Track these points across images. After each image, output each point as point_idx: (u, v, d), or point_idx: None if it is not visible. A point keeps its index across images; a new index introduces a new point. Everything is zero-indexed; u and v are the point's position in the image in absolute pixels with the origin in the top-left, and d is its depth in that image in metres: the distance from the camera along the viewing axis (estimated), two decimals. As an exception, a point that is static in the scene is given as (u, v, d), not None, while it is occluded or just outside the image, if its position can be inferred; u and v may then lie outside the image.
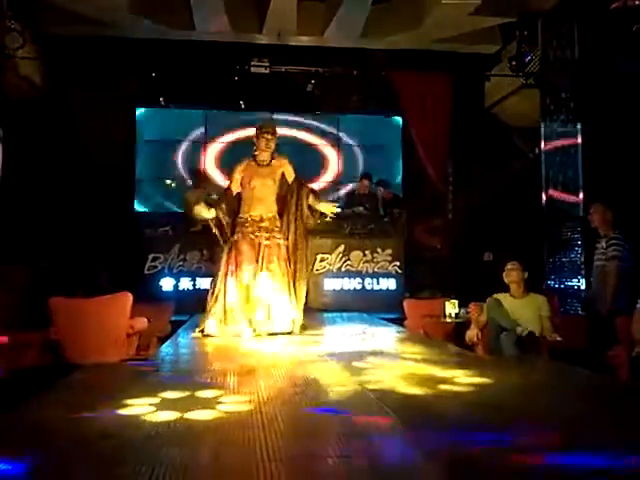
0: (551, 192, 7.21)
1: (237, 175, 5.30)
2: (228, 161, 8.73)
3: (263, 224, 5.12)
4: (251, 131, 5.56)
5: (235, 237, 5.11)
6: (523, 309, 4.52)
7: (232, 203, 5.28)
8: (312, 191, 5.41)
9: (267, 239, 5.09)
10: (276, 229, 5.20)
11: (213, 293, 5.11)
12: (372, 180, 8.61)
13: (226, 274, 5.04)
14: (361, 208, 8.26)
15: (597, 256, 5.16)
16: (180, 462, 1.82)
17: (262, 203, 5.19)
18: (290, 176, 5.34)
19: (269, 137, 5.22)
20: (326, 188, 9.82)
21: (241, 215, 5.18)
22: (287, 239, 5.25)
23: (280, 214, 5.31)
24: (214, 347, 4.60)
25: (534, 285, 4.96)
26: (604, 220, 5.13)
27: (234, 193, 5.31)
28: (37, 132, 7.23)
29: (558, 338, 4.38)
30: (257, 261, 5.04)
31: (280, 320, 5.02)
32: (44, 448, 1.96)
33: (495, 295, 4.70)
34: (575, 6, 6.81)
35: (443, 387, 2.89)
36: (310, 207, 5.27)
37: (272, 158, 5.30)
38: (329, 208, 5.31)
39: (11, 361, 4.47)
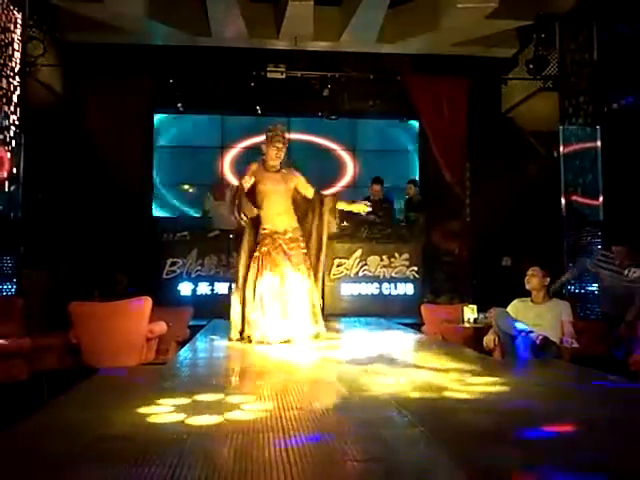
0: (570, 196, 7.14)
1: (248, 174, 5.20)
2: (244, 166, 8.76)
3: (287, 236, 5.12)
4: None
5: (265, 249, 5.05)
6: (544, 315, 4.48)
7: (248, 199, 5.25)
8: (333, 196, 5.49)
9: (292, 249, 5.09)
10: (301, 238, 5.19)
11: (244, 301, 5.06)
12: (383, 184, 8.55)
13: (256, 282, 5.00)
14: (372, 216, 8.17)
15: (619, 277, 5.19)
16: (200, 465, 1.82)
17: (283, 217, 5.16)
18: (306, 189, 5.30)
19: (280, 146, 5.17)
20: (342, 192, 9.81)
21: (265, 227, 5.13)
22: (308, 249, 5.26)
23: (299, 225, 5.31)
24: (233, 352, 4.60)
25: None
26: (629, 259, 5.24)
27: (244, 187, 5.21)
28: (57, 138, 7.32)
29: (575, 345, 4.33)
30: (285, 269, 5.05)
31: (306, 325, 5.03)
32: (63, 450, 1.98)
33: (516, 300, 4.67)
34: (593, 8, 6.76)
35: (463, 391, 2.87)
36: (332, 212, 5.29)
37: (281, 165, 5.28)
38: (361, 207, 5.57)
39: (32, 364, 4.53)
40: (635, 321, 4.74)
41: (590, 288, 6.59)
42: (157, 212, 9.59)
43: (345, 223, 7.84)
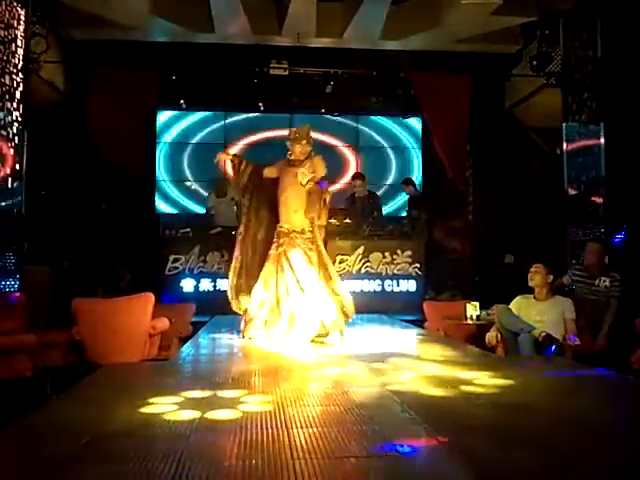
0: (573, 193, 7.12)
1: (275, 166, 5.33)
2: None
3: (305, 235, 5.14)
4: (269, 133, 5.55)
5: (281, 248, 5.09)
6: (547, 311, 4.47)
7: (256, 173, 5.36)
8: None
9: (311, 250, 5.09)
10: (316, 238, 5.21)
11: (259, 298, 5.09)
12: (365, 180, 8.50)
13: (277, 281, 5.04)
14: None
15: (589, 288, 5.15)
16: (203, 461, 1.83)
17: (300, 214, 5.16)
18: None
19: (304, 143, 5.24)
20: (345, 189, 9.81)
21: (283, 225, 5.17)
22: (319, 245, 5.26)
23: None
24: (236, 349, 4.62)
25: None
26: (600, 262, 5.24)
27: (263, 173, 5.35)
28: (60, 135, 7.32)
29: (577, 342, 4.32)
30: (304, 269, 5.06)
31: (326, 325, 5.02)
32: (66, 446, 1.98)
33: (519, 297, 4.67)
34: (597, 5, 6.73)
35: (465, 388, 2.88)
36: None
37: (306, 158, 5.27)
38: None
39: (36, 360, 4.54)
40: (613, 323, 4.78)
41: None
42: (160, 209, 9.60)
43: (348, 220, 7.89)
